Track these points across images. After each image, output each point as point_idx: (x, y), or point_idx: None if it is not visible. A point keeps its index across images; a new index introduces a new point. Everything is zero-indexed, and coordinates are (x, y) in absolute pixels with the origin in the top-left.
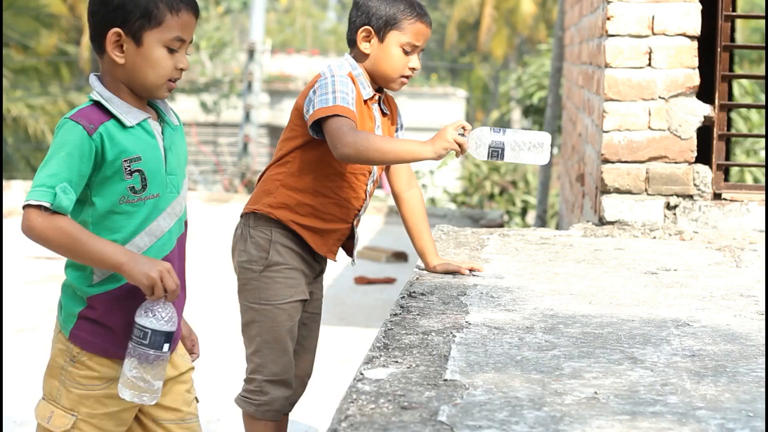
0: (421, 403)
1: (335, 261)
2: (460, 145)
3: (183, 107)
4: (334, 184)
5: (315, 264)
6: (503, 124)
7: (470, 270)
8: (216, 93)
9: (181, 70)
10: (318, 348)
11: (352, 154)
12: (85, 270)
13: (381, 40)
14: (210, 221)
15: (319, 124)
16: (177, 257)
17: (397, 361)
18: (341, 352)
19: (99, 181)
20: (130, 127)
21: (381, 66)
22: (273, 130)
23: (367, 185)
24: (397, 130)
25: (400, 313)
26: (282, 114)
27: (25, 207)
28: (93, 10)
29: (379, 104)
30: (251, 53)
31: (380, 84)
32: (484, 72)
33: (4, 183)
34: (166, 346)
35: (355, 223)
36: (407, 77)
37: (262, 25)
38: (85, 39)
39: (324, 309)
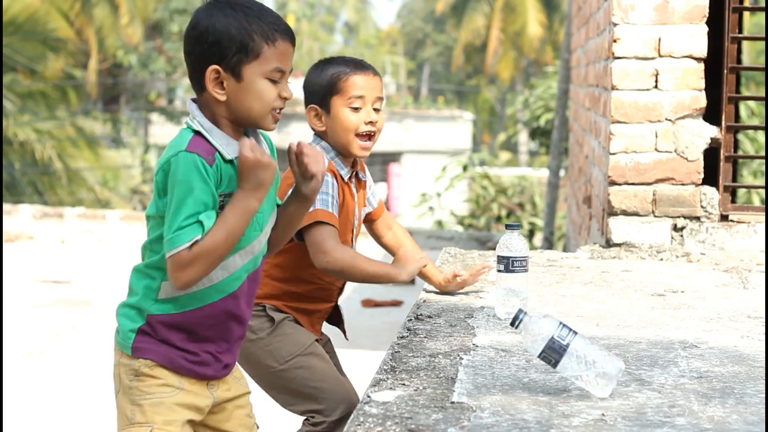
0: (428, 425)
1: (320, 338)
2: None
3: None
4: (317, 271)
5: None
6: (510, 146)
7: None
8: None
9: (285, 98)
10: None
11: (334, 270)
12: (151, 289)
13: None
14: None
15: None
16: (246, 293)
17: (404, 384)
18: (348, 375)
19: None
20: (229, 160)
21: (336, 134)
22: (281, 154)
23: None
24: (368, 188)
25: (407, 336)
26: (289, 137)
27: (171, 257)
28: (188, 50)
29: (357, 177)
30: None
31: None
32: (490, 94)
33: (11, 207)
34: (571, 336)
35: (337, 300)
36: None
37: None
38: (92, 63)
39: (331, 332)
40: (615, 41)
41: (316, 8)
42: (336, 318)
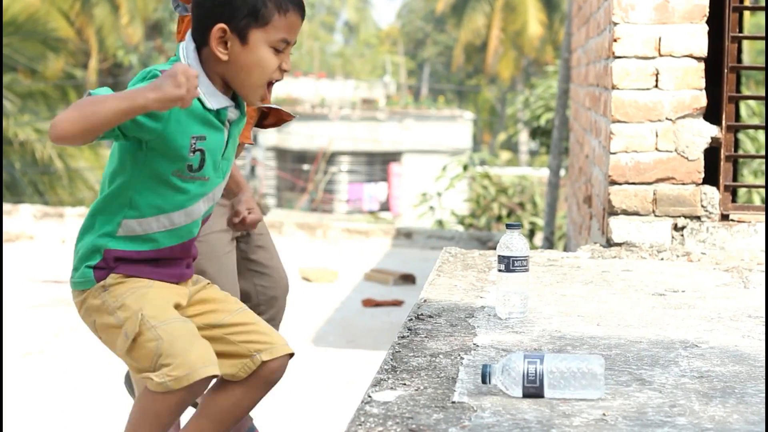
0: (429, 425)
1: None
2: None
3: None
4: None
5: None
6: (510, 145)
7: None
8: None
9: (284, 71)
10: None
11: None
12: (111, 223)
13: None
14: None
15: None
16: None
17: (405, 384)
18: (348, 375)
19: (163, 147)
20: (208, 109)
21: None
22: (280, 153)
23: None
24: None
25: (408, 336)
26: (289, 137)
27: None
28: (198, 2)
29: None
30: None
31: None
32: (491, 94)
33: (12, 207)
34: (540, 361)
35: None
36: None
37: None
38: (93, 63)
39: (331, 331)
40: (615, 40)
41: (317, 8)
42: None
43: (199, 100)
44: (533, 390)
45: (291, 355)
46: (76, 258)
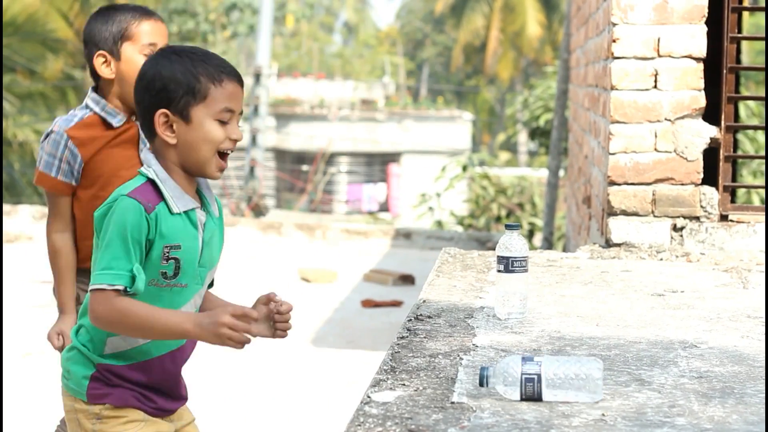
0: (428, 426)
1: None
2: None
3: None
4: None
5: None
6: (510, 146)
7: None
8: None
9: (235, 141)
10: (324, 371)
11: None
12: (98, 341)
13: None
14: None
15: None
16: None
17: (404, 384)
18: (348, 375)
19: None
20: (177, 213)
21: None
22: (279, 154)
23: None
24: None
25: (407, 336)
26: (288, 137)
27: (92, 291)
28: (138, 100)
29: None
30: (257, 77)
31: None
32: (490, 95)
33: (11, 208)
34: (537, 366)
35: None
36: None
37: (269, 49)
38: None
39: (331, 332)
40: (614, 41)
41: (316, 8)
42: None
43: (166, 203)
44: (531, 394)
45: None
46: (68, 355)
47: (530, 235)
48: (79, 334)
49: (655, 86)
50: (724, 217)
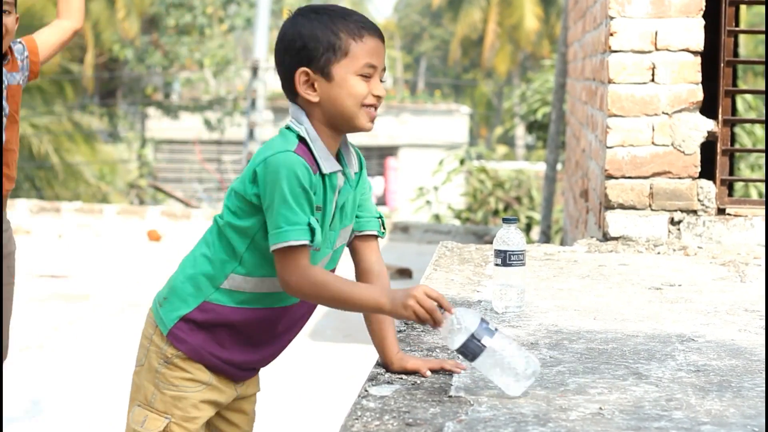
0: (425, 419)
1: None
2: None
3: (186, 125)
4: None
5: None
6: (507, 139)
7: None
8: (220, 110)
9: (378, 97)
10: (322, 365)
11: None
12: (218, 274)
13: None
14: None
15: None
16: (305, 305)
17: (401, 378)
18: (346, 369)
19: None
20: (325, 174)
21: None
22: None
23: None
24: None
25: (405, 330)
26: None
27: (282, 250)
28: (279, 61)
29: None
30: (255, 71)
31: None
32: (487, 88)
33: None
34: (491, 327)
35: None
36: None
37: (266, 42)
38: (89, 57)
39: (328, 326)
40: (612, 35)
41: (313, 2)
42: None
43: (317, 163)
44: (466, 353)
45: None
46: (174, 284)
47: (528, 228)
48: (197, 263)
49: (653, 80)
50: (721, 211)
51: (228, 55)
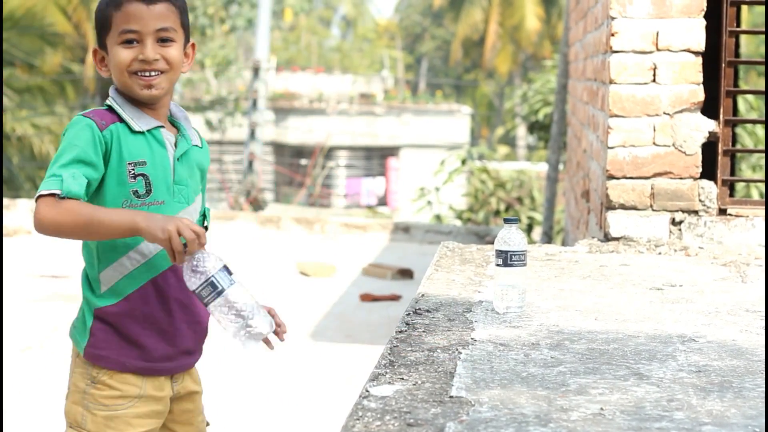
0: (427, 420)
1: None
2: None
3: None
4: None
5: None
6: (508, 140)
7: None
8: (221, 111)
9: (144, 60)
10: (323, 365)
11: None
12: (94, 281)
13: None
14: (216, 239)
15: None
16: (177, 272)
17: (402, 378)
18: (347, 370)
19: (104, 181)
20: (140, 132)
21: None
22: (278, 148)
23: None
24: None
25: (406, 330)
26: (287, 131)
27: (36, 200)
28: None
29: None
30: (256, 71)
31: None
32: (488, 88)
33: (10, 202)
34: (232, 276)
35: None
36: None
37: (267, 42)
38: (90, 58)
39: (329, 326)
40: (613, 35)
41: (314, 2)
42: None
43: (126, 123)
44: (202, 294)
45: None
46: (80, 304)
47: (529, 229)
48: (82, 280)
49: (654, 80)
50: (722, 211)
51: (229, 56)
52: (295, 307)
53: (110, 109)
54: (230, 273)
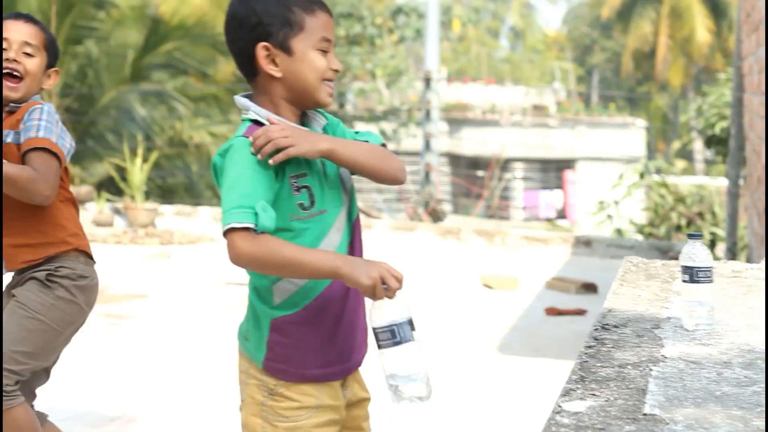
0: None
1: None
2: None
3: None
4: None
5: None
6: (685, 154)
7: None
8: (394, 121)
9: (335, 71)
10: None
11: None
12: (267, 293)
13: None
14: (396, 249)
15: None
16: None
17: (594, 394)
18: (536, 384)
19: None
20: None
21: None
22: (453, 159)
23: None
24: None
25: (595, 345)
26: (461, 143)
27: (226, 233)
28: (232, 39)
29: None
30: (427, 81)
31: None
32: (662, 101)
33: (192, 209)
34: (414, 333)
35: None
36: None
37: (437, 53)
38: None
39: (516, 339)
40: None
41: (481, 13)
42: None
43: None
44: (380, 336)
45: None
46: (247, 315)
47: (712, 245)
48: (250, 295)
49: None
50: None
51: (399, 66)
52: (481, 319)
53: (257, 123)
54: (413, 329)
